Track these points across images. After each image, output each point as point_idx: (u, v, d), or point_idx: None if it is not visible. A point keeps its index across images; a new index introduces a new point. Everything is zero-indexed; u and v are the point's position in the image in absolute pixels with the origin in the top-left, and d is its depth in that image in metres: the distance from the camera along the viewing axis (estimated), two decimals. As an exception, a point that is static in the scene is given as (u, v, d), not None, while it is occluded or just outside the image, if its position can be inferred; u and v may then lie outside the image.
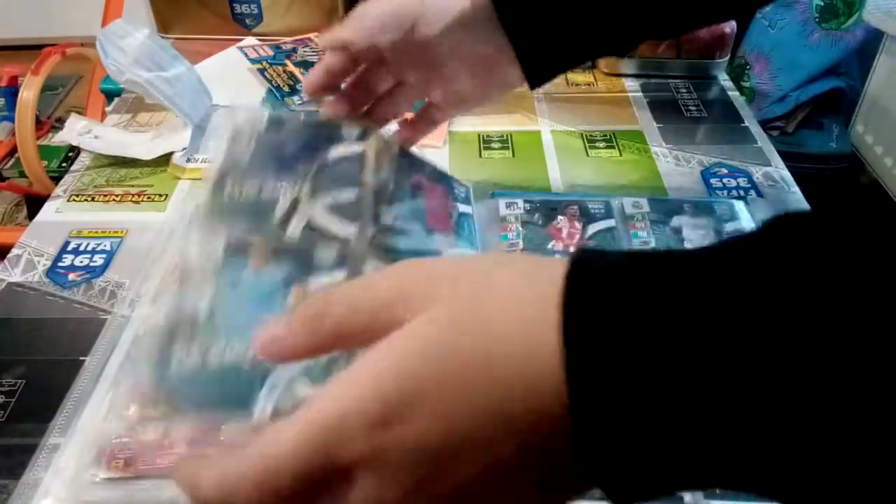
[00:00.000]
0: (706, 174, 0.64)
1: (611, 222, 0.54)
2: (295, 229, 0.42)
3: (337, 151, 0.48)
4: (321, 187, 0.45)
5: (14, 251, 0.55)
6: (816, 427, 0.17)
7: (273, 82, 0.73)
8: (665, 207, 0.55)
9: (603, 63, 0.79)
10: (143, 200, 0.61)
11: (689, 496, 0.37)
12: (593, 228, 0.53)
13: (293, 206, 0.43)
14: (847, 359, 0.17)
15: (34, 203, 1.31)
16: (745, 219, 0.55)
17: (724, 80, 0.80)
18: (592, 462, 0.19)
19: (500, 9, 0.43)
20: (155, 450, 0.38)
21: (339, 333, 0.24)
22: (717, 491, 0.37)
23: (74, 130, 0.67)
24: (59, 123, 1.45)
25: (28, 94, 1.00)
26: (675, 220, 0.54)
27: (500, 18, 0.43)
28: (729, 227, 0.53)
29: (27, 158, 1.01)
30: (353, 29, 0.46)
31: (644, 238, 0.52)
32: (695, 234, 0.52)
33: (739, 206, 0.56)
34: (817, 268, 0.18)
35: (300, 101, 0.71)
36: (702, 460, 0.19)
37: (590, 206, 0.55)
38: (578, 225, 0.54)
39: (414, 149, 0.66)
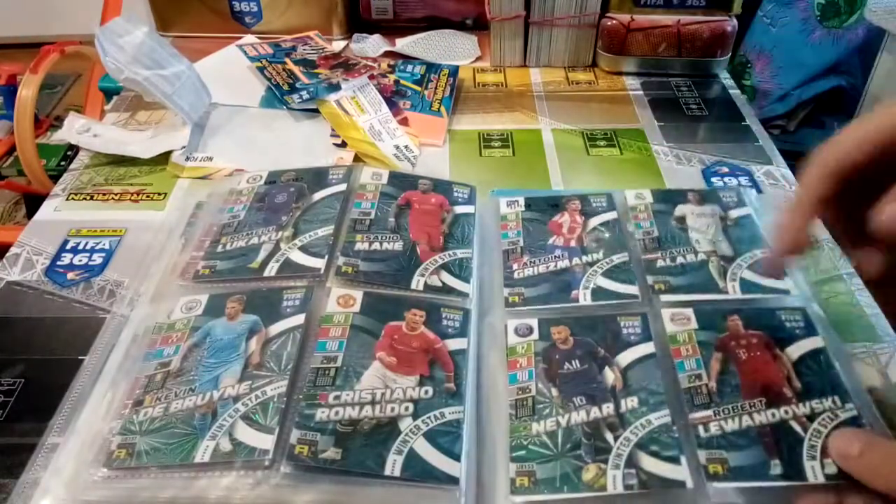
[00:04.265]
0: (707, 173, 0.64)
1: (613, 214, 0.53)
2: (271, 271, 0.48)
3: (322, 193, 0.54)
4: (301, 230, 0.51)
5: (13, 250, 0.55)
6: None
7: (272, 80, 0.73)
8: (668, 196, 0.55)
9: (604, 61, 0.79)
10: (141, 199, 0.60)
11: (691, 482, 0.37)
12: (595, 221, 0.53)
13: (275, 250, 0.50)
14: None
15: (33, 202, 1.30)
16: (754, 204, 0.54)
17: (725, 78, 0.79)
18: None
19: None
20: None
21: None
22: (721, 472, 0.37)
23: (73, 129, 0.66)
24: (57, 122, 1.45)
25: (27, 92, 1.00)
26: (679, 210, 0.53)
27: None
28: (734, 214, 0.53)
29: (26, 157, 1.01)
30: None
31: (647, 228, 0.52)
32: (699, 223, 0.52)
33: (747, 192, 0.55)
34: None
35: (299, 100, 0.70)
36: None
37: (592, 201, 0.55)
38: (580, 219, 0.53)
39: (415, 149, 0.66)
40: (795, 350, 0.43)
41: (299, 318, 0.44)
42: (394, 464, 0.37)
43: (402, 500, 0.37)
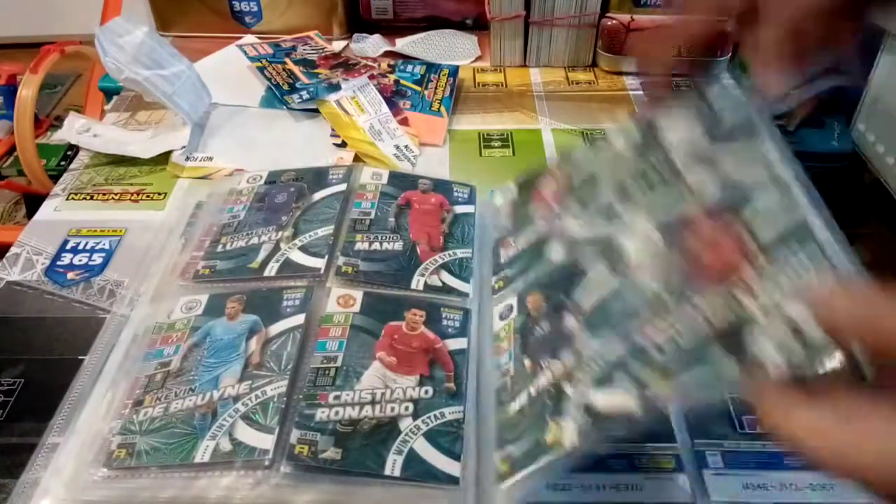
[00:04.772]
0: (707, 172, 0.64)
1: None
2: (271, 271, 0.48)
3: (322, 193, 0.54)
4: (301, 230, 0.51)
5: (13, 250, 0.55)
6: None
7: (272, 80, 0.73)
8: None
9: (604, 61, 0.79)
10: (141, 199, 0.60)
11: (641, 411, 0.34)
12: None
13: (275, 250, 0.49)
14: None
15: (33, 202, 1.30)
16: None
17: (726, 78, 0.79)
18: None
19: None
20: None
21: None
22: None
23: (73, 129, 0.66)
24: (57, 122, 1.44)
25: (27, 92, 1.00)
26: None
27: None
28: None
29: (26, 157, 1.00)
30: None
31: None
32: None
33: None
34: None
35: (299, 100, 0.70)
36: None
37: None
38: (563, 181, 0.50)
39: (415, 149, 0.66)
40: None
41: (299, 318, 0.44)
42: (394, 464, 0.37)
43: (402, 500, 0.37)
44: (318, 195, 0.54)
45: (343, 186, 0.55)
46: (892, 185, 1.28)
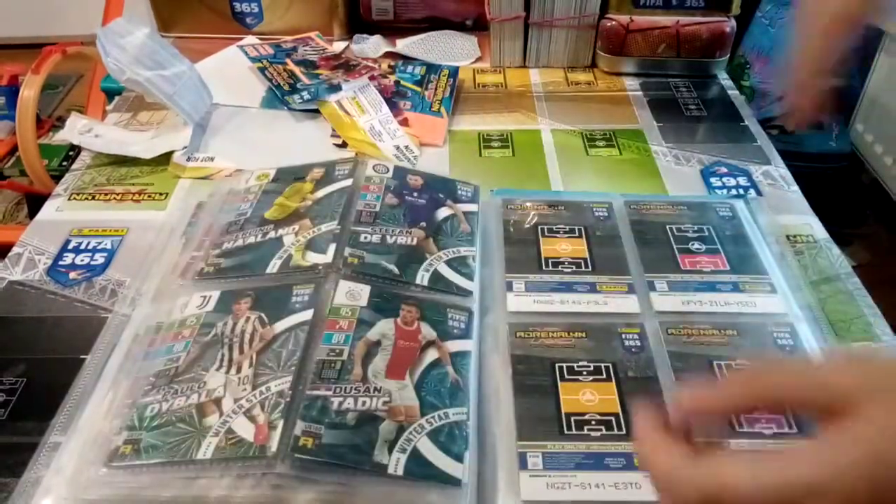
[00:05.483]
0: (706, 173, 0.64)
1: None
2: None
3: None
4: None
5: (15, 250, 0.55)
6: None
7: (273, 81, 0.73)
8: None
9: (603, 61, 0.79)
10: (143, 199, 0.61)
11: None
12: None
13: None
14: None
15: (35, 202, 1.30)
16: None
17: (724, 78, 0.80)
18: None
19: None
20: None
21: (775, 394, 0.27)
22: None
23: (75, 129, 0.67)
24: (59, 122, 1.45)
25: (29, 92, 1.00)
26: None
27: None
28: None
29: (28, 157, 1.01)
30: None
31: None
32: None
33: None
34: None
35: (300, 101, 0.71)
36: None
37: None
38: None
39: (415, 150, 0.67)
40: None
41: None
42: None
43: (403, 500, 0.37)
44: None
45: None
46: (890, 185, 1.28)
